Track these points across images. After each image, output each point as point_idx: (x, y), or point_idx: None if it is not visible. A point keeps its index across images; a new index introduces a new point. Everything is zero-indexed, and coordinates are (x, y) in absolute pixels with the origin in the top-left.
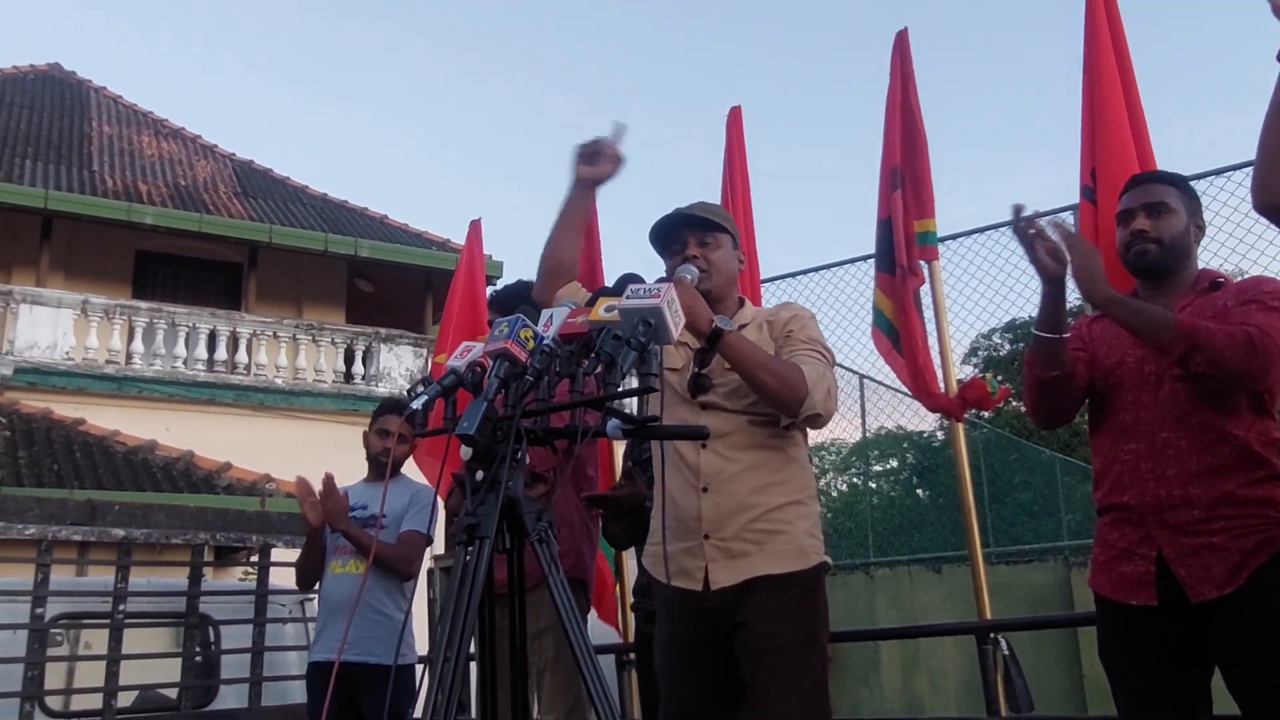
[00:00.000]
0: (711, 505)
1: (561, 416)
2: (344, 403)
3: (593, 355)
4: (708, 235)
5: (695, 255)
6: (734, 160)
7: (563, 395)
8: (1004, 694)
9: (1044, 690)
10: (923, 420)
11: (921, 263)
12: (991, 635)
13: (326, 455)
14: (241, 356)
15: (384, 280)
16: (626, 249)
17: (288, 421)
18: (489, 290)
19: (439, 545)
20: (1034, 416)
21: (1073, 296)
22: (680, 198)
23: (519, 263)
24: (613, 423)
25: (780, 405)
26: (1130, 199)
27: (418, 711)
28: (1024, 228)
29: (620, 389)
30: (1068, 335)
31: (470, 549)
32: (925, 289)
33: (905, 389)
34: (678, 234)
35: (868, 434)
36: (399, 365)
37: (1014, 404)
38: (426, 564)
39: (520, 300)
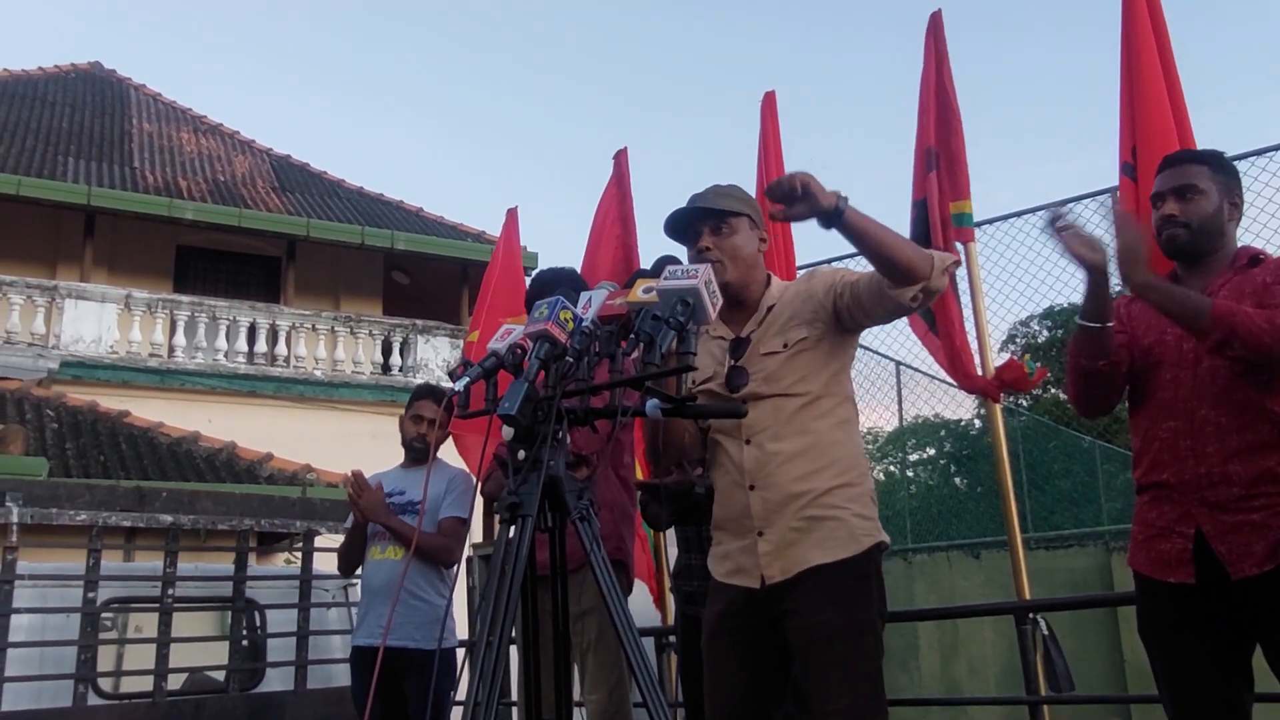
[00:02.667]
0: (760, 501)
1: (602, 397)
2: (382, 394)
3: (632, 336)
4: (722, 223)
5: (708, 248)
6: (769, 145)
7: (603, 377)
8: (1044, 674)
9: (1084, 674)
10: (960, 407)
11: (958, 244)
12: (1031, 615)
13: (365, 446)
14: (281, 349)
15: (420, 272)
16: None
17: (327, 413)
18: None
19: (477, 533)
20: (1078, 405)
21: (1113, 282)
22: (715, 181)
23: (554, 255)
24: (652, 402)
25: (906, 274)
26: (1162, 181)
27: (460, 695)
28: (1056, 223)
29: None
30: (1112, 324)
31: (513, 528)
32: (961, 272)
33: (942, 375)
34: (692, 226)
35: (904, 422)
36: (436, 356)
37: (1052, 391)
38: (466, 551)
39: (558, 285)
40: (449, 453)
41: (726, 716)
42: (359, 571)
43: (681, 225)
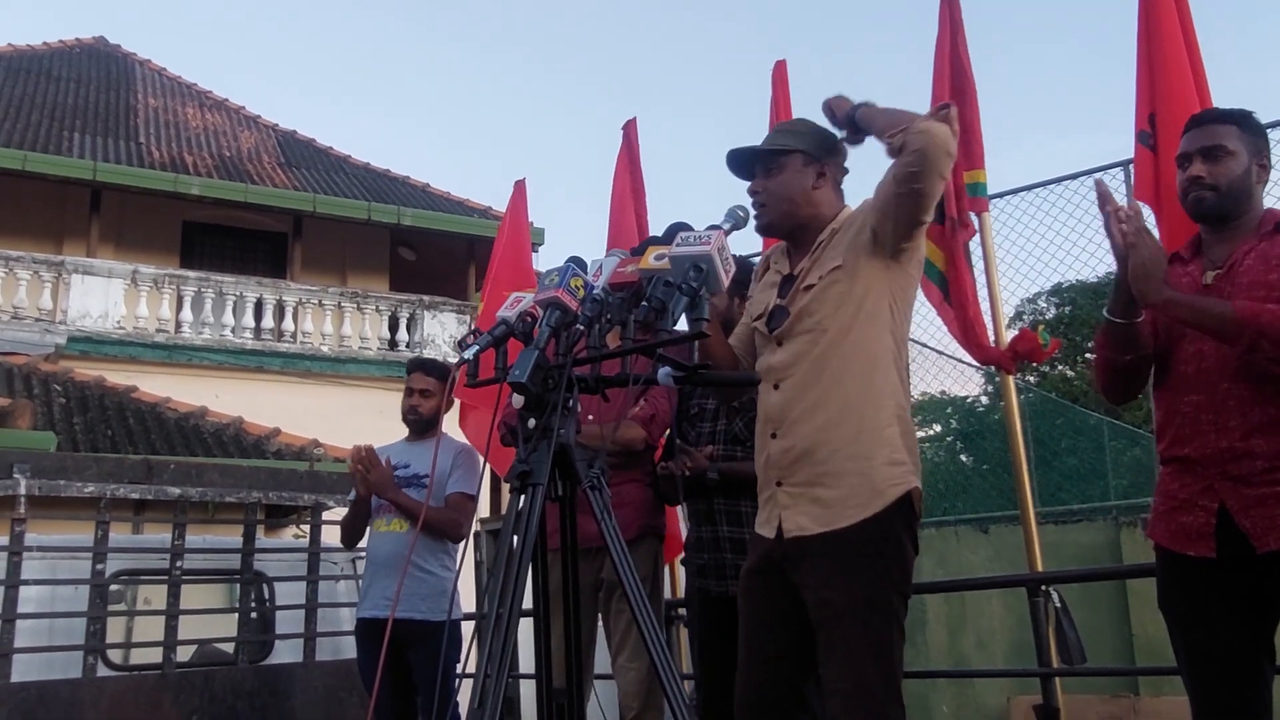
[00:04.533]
0: (780, 450)
1: (613, 364)
2: (389, 369)
3: (643, 303)
4: (771, 163)
5: (757, 190)
6: (779, 115)
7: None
8: (1056, 646)
9: (1094, 650)
10: (968, 383)
11: (971, 215)
12: (1044, 588)
13: (372, 421)
14: (288, 324)
15: (426, 248)
16: (674, 201)
17: (334, 388)
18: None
19: (484, 509)
20: (1107, 395)
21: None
22: (722, 152)
23: (561, 229)
24: (664, 370)
25: (895, 129)
26: (1188, 141)
27: (469, 668)
28: (1108, 200)
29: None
30: (1141, 319)
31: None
32: (975, 243)
33: (950, 351)
34: (748, 168)
35: (911, 399)
36: (442, 332)
37: (1060, 368)
38: (473, 526)
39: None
40: (453, 427)
41: (752, 676)
42: (362, 544)
43: (742, 168)
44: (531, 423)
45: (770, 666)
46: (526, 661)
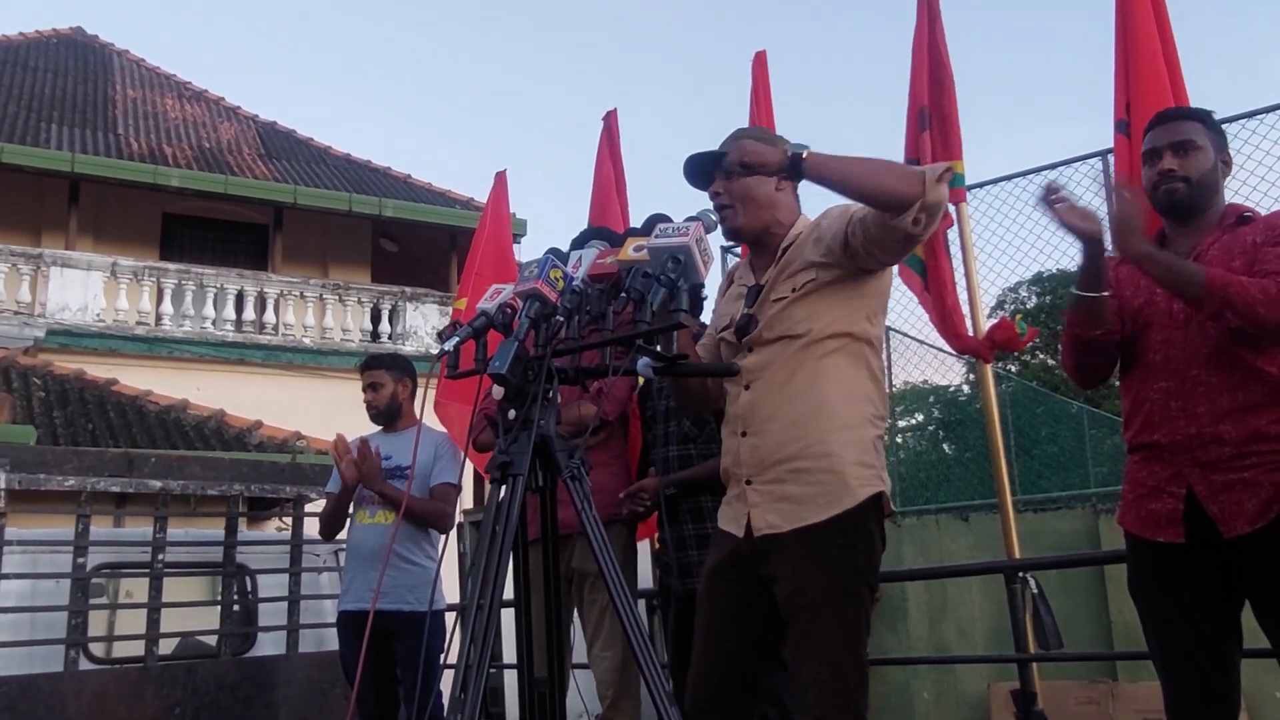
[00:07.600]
0: (750, 448)
1: (592, 355)
2: None
3: (622, 294)
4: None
5: (719, 192)
6: (760, 106)
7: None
8: (1033, 632)
9: (1072, 634)
10: (949, 372)
11: (950, 205)
12: (1021, 574)
13: (354, 413)
14: (269, 317)
15: (408, 240)
16: (655, 194)
17: (316, 380)
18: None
19: (467, 500)
20: (1075, 377)
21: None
22: (704, 143)
23: (543, 221)
24: (642, 361)
25: (895, 205)
26: (1156, 137)
27: (450, 657)
28: (1049, 195)
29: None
30: (1109, 294)
31: (504, 488)
32: (953, 233)
33: (931, 341)
34: (707, 171)
35: (894, 388)
36: (425, 324)
37: (1041, 356)
38: (456, 518)
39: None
40: (431, 417)
41: (709, 670)
42: (341, 536)
43: (698, 171)
44: (512, 414)
45: (730, 661)
46: (511, 652)
